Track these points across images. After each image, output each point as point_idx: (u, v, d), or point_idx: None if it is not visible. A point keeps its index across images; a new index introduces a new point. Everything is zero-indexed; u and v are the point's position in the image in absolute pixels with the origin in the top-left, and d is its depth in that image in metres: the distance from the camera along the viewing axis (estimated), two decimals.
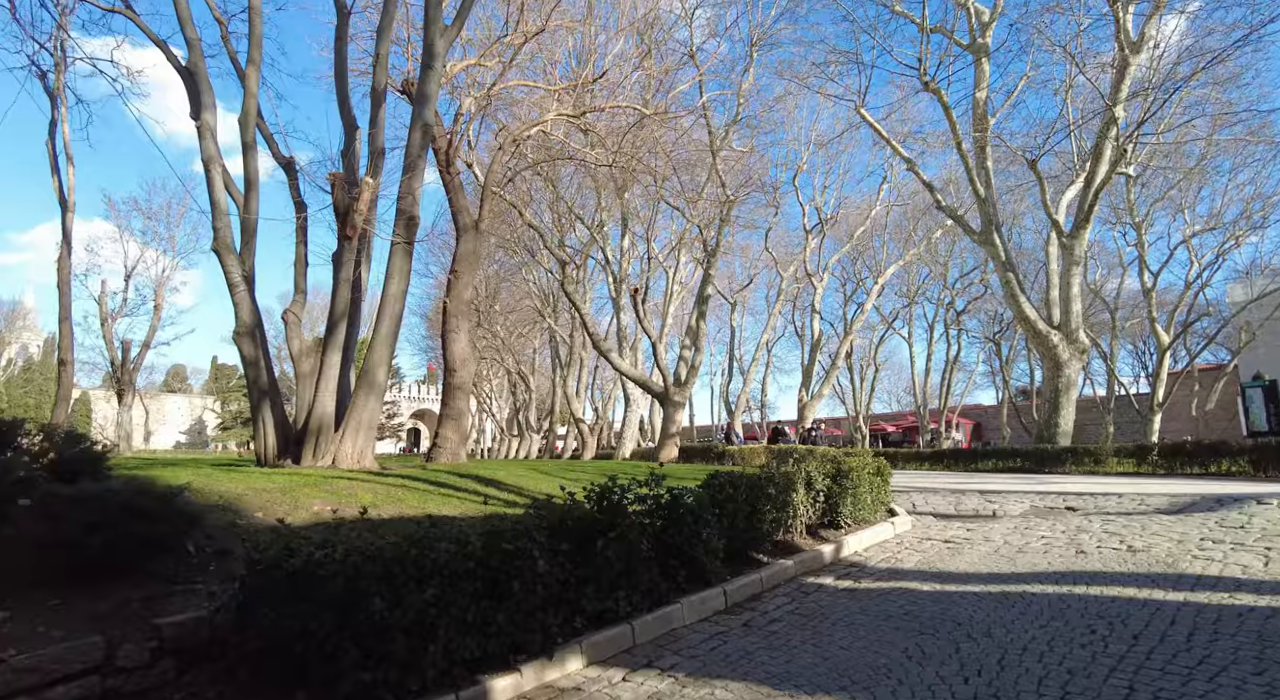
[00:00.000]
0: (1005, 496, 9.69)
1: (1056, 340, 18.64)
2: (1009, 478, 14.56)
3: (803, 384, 32.80)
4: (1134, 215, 33.80)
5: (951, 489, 11.13)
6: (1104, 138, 18.05)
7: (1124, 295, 42.65)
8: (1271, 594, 4.48)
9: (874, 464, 8.01)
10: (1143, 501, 8.63)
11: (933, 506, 9.30)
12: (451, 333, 12.19)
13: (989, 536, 7.09)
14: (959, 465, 20.76)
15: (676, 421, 23.08)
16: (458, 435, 11.85)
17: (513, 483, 8.70)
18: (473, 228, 13.15)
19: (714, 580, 5.31)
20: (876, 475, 7.98)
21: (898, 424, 62.75)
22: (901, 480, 13.94)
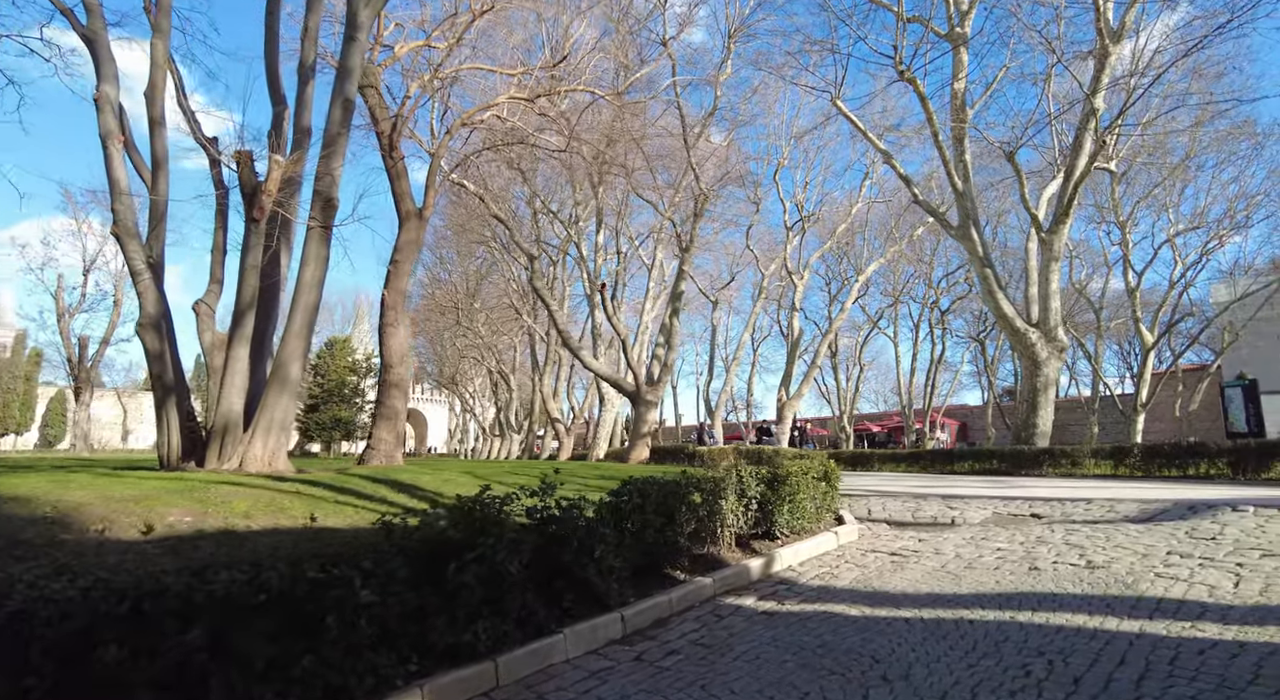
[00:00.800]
0: (968, 502, 9.08)
1: (1035, 338, 18.09)
2: (981, 481, 13.98)
3: (783, 383, 32.18)
4: (1118, 214, 33.44)
5: (915, 493, 10.52)
6: (1084, 130, 17.51)
7: (1109, 295, 42.35)
8: (1239, 624, 3.85)
9: (819, 468, 7.37)
10: (1112, 508, 8.03)
11: (890, 513, 8.67)
12: (389, 326, 11.48)
13: (940, 548, 6.46)
14: (936, 467, 20.22)
15: (649, 421, 22.43)
16: (393, 436, 11.14)
17: (432, 488, 8.01)
18: (415, 216, 12.44)
19: (613, 603, 4.64)
20: (822, 480, 7.34)
21: (883, 424, 62.36)
22: (869, 483, 13.33)
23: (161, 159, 8.93)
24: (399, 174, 12.54)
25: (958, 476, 16.94)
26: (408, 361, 11.48)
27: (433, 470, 10.00)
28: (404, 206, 12.41)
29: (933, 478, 16.09)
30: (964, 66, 18.90)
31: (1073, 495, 9.50)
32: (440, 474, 9.78)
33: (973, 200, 19.24)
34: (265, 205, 8.18)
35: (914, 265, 45.04)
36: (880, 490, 11.26)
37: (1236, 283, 34.54)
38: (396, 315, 11.57)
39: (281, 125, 10.63)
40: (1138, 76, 16.22)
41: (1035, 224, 18.82)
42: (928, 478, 16.08)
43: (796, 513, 6.53)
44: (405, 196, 12.47)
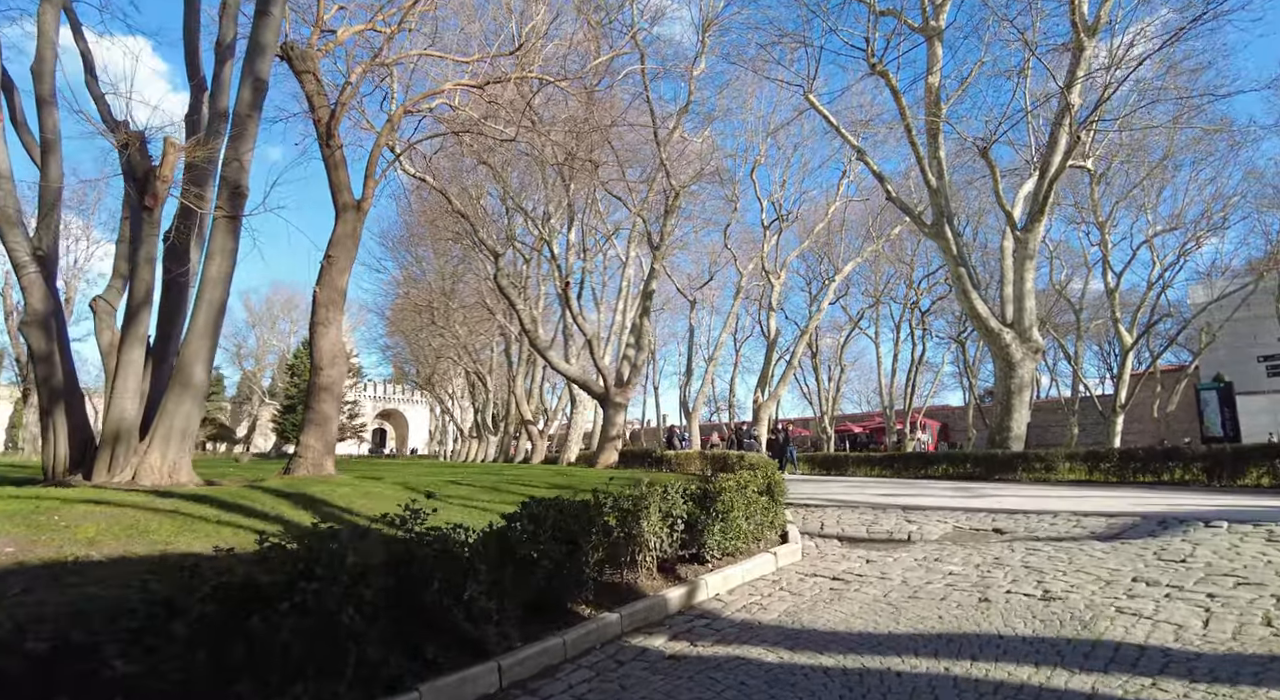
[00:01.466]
0: (929, 515, 8.49)
1: (1009, 339, 17.61)
2: (950, 488, 13.45)
3: (760, 384, 31.64)
4: (1097, 214, 33.23)
5: (877, 504, 9.94)
6: (1059, 125, 17.06)
7: (1088, 296, 42.25)
8: (1206, 682, 3.25)
9: (761, 481, 6.76)
10: (1079, 523, 7.48)
11: (844, 527, 8.07)
12: (320, 325, 10.74)
13: (887, 572, 5.85)
14: (910, 470, 19.74)
15: (617, 424, 21.79)
16: (322, 443, 10.39)
17: (343, 505, 7.31)
18: (353, 208, 11.70)
19: (493, 650, 3.98)
20: (764, 495, 6.72)
21: (865, 425, 62.10)
22: (834, 491, 12.75)
23: (53, 141, 8.17)
24: (336, 164, 11.79)
25: (929, 482, 16.43)
26: (341, 364, 10.75)
27: (345, 483, 9.28)
28: (341, 198, 11.67)
29: (902, 484, 15.55)
30: (938, 60, 18.39)
31: (1040, 506, 8.96)
32: (365, 486, 9.07)
33: (947, 197, 18.75)
34: (159, 192, 7.46)
35: (894, 266, 44.75)
36: (841, 500, 10.68)
37: (1214, 284, 34.45)
38: (329, 314, 10.83)
39: (200, 108, 9.88)
40: (1114, 71, 15.75)
41: (1010, 222, 18.35)
42: (897, 484, 15.54)
43: (731, 532, 5.90)
44: (343, 188, 11.73)
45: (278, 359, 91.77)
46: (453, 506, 7.85)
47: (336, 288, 11.11)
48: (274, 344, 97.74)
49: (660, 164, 22.36)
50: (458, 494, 9.52)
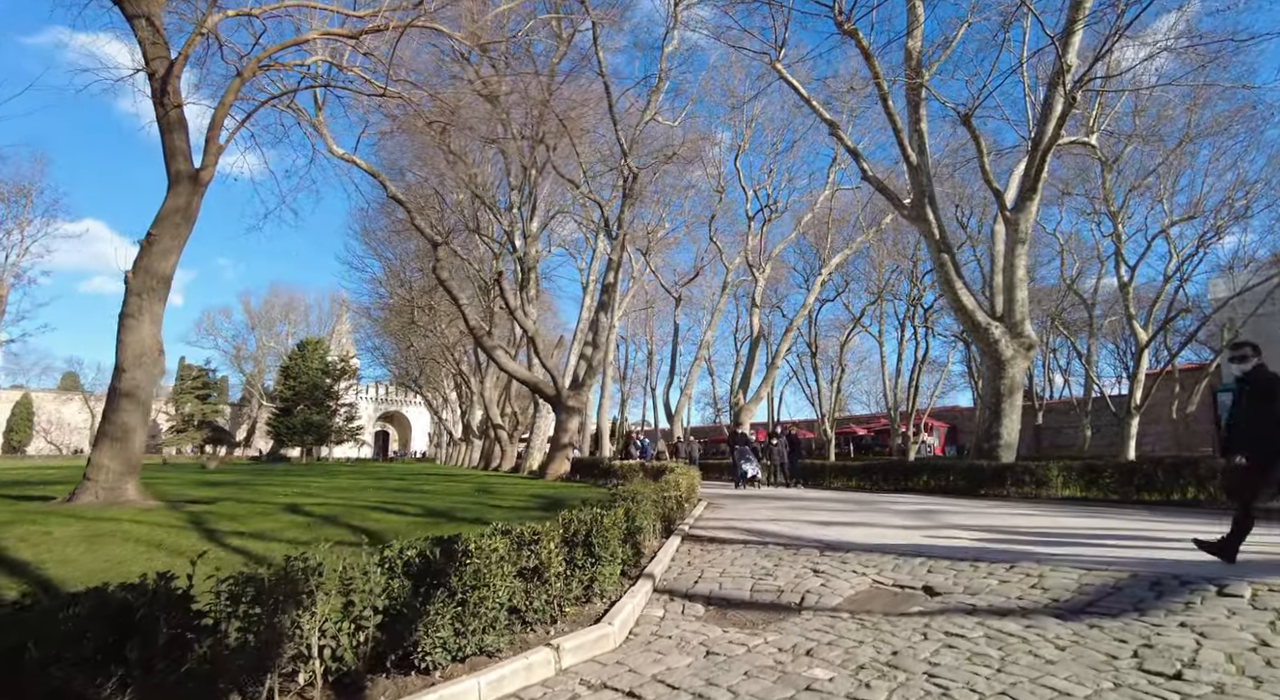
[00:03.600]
0: (849, 561, 6.41)
1: (998, 334, 15.42)
2: (915, 509, 11.30)
3: (741, 386, 29.54)
4: (1109, 204, 30.89)
5: (798, 536, 7.87)
6: (1054, 90, 14.88)
7: (1101, 291, 39.82)
8: None
9: (622, 516, 4.73)
10: (1041, 579, 5.37)
11: (724, 581, 5.99)
12: (128, 317, 8.84)
13: (716, 679, 3.78)
14: (888, 482, 17.64)
15: (570, 430, 19.79)
16: (120, 462, 8.48)
17: (36, 570, 5.34)
18: (189, 178, 9.80)
19: None
20: (579, 546, 4.67)
21: (869, 427, 59.83)
22: (763, 515, 10.65)
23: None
24: (171, 125, 9.90)
25: (902, 498, 14.28)
26: (150, 365, 8.84)
27: (166, 513, 7.32)
28: (174, 166, 9.78)
29: (864, 503, 13.40)
30: (919, 21, 16.26)
31: (1005, 544, 6.85)
32: (101, 545, 7.02)
33: (929, 175, 16.60)
34: None
35: (897, 260, 42.55)
36: (762, 530, 8.60)
37: (1236, 277, 31.98)
38: (142, 303, 8.93)
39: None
40: (1119, 18, 13.52)
41: (998, 200, 16.15)
42: (859, 503, 13.39)
43: (481, 618, 3.84)
44: (178, 154, 9.84)
45: (277, 361, 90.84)
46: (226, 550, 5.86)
47: (155, 273, 9.19)
48: (272, 346, 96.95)
49: (619, 142, 20.37)
50: (266, 529, 7.55)
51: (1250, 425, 5.62)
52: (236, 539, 6.69)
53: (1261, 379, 5.69)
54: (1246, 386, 5.78)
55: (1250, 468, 5.61)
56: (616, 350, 68.82)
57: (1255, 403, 5.64)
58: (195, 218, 9.78)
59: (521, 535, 4.30)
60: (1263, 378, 5.70)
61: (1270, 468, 5.52)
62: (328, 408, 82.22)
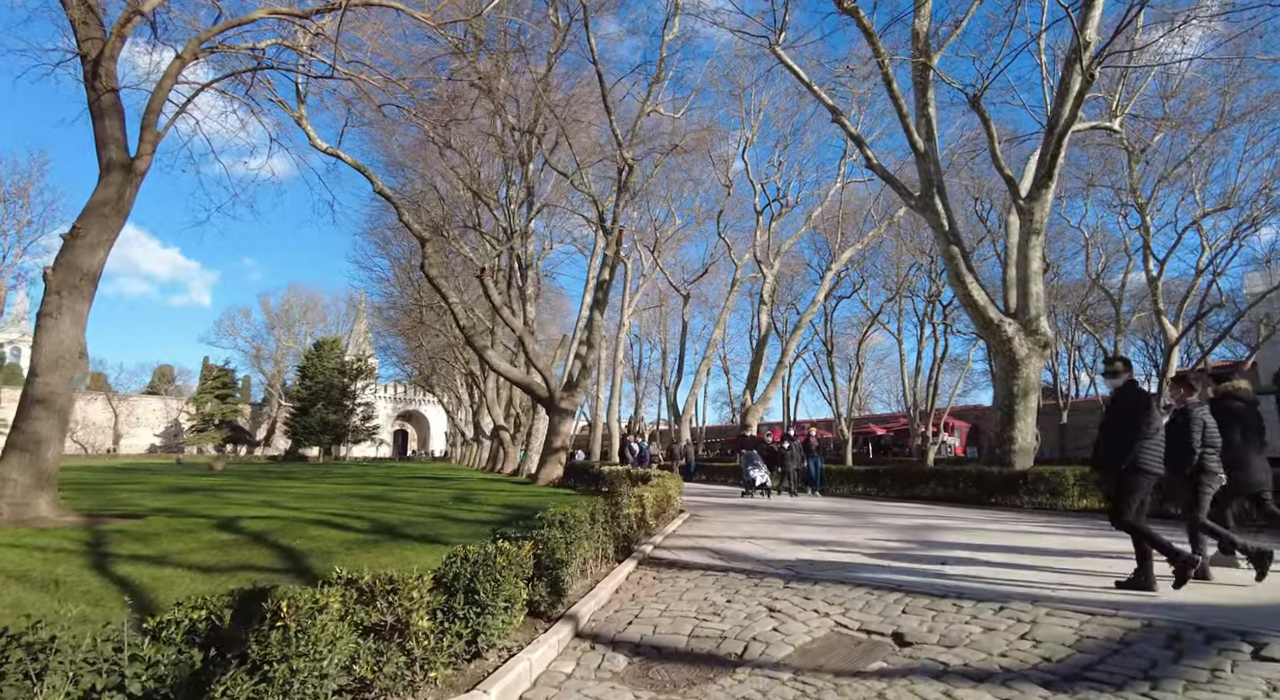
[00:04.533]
0: (815, 597, 5.52)
1: (1011, 331, 14.35)
2: (914, 524, 10.34)
3: (747, 386, 28.56)
4: (1137, 196, 29.47)
5: (768, 560, 6.98)
6: (1070, 67, 13.79)
7: (1129, 286, 38.25)
8: None
9: (526, 554, 3.89)
10: (1033, 627, 4.46)
11: (661, 623, 5.13)
12: (46, 316, 8.18)
13: None
14: (894, 489, 16.70)
15: (563, 433, 19.00)
16: (31, 475, 7.80)
17: None
18: (121, 167, 9.14)
19: None
20: (461, 592, 3.83)
21: (889, 427, 58.43)
22: (743, 529, 9.76)
23: None
24: (104, 111, 9.24)
25: (904, 507, 13.31)
26: (69, 369, 8.17)
27: (64, 536, 6.64)
28: (106, 154, 9.12)
29: (858, 516, 12.45)
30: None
31: (1000, 572, 5.93)
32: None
33: (936, 163, 15.55)
34: None
35: (915, 256, 41.29)
36: (731, 550, 7.72)
37: (1273, 271, 30.43)
38: (62, 302, 8.27)
39: None
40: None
41: (1010, 187, 15.05)
42: (853, 516, 12.44)
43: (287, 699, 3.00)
44: (110, 142, 9.17)
45: (296, 361, 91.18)
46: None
47: (78, 269, 8.52)
48: (291, 346, 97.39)
49: (613, 132, 19.55)
50: (173, 551, 6.83)
51: (1107, 442, 5.56)
52: (126, 566, 5.96)
53: (1124, 396, 5.62)
54: (1112, 403, 5.76)
55: (1115, 487, 5.54)
56: (630, 349, 68.21)
57: (1115, 419, 5.56)
58: (128, 210, 9.12)
59: (372, 586, 3.48)
60: (1125, 395, 5.62)
61: (1129, 486, 5.38)
62: (344, 407, 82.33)
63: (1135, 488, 5.38)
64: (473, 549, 4.25)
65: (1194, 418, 5.73)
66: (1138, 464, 5.31)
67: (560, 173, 21.40)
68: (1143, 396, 5.57)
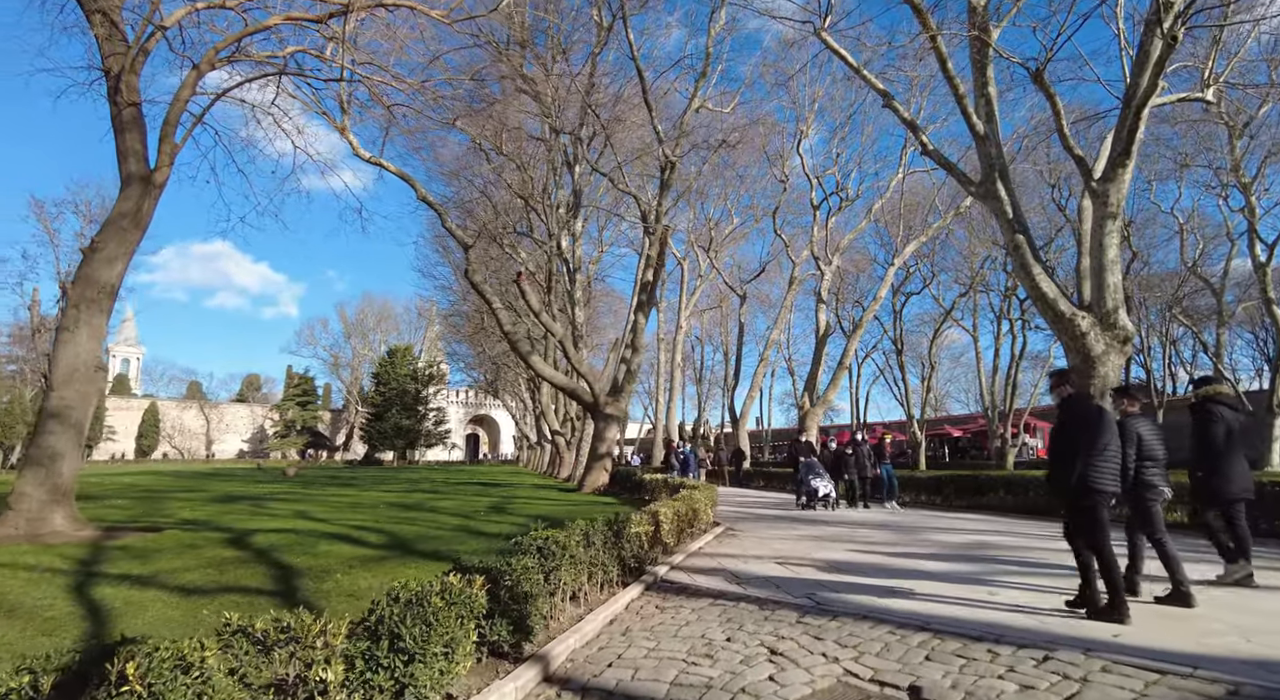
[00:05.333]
0: (825, 635, 4.81)
1: (1085, 325, 13.02)
2: (969, 540, 9.36)
3: (807, 387, 27.45)
4: (1240, 175, 26.99)
5: (780, 589, 6.26)
6: (1150, 30, 12.42)
7: (1233, 274, 35.17)
8: None
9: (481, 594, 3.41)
10: (1079, 695, 3.65)
11: (643, 667, 4.50)
12: (64, 330, 8.24)
13: None
14: (960, 498, 15.54)
15: (608, 439, 18.57)
16: (46, 490, 7.82)
17: None
18: (140, 180, 9.18)
19: None
20: (385, 638, 3.36)
21: (966, 428, 55.78)
22: (777, 548, 9.01)
23: None
24: (126, 125, 9.32)
25: (967, 519, 12.23)
26: (85, 383, 8.17)
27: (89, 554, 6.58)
28: (127, 168, 9.19)
29: (910, 531, 11.48)
30: None
31: (1046, 617, 5.07)
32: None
33: (998, 145, 14.32)
34: None
35: (988, 248, 39.20)
36: (747, 575, 7.02)
37: None
38: (80, 316, 8.31)
39: None
40: None
41: (1081, 168, 13.71)
42: (905, 531, 11.48)
43: None
44: (130, 155, 9.24)
45: (371, 368, 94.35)
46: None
47: (96, 283, 8.55)
48: (366, 354, 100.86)
49: (654, 130, 19.03)
50: (167, 569, 6.67)
51: (1052, 461, 5.42)
52: (107, 588, 5.78)
53: (1071, 411, 5.46)
54: (1058, 419, 5.60)
55: (1067, 508, 5.34)
56: (691, 351, 67.44)
57: (1060, 436, 5.39)
58: (147, 223, 9.17)
59: (266, 634, 3.03)
60: (1073, 409, 5.45)
61: (1080, 506, 5.16)
62: (417, 412, 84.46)
63: (1090, 507, 5.12)
64: (412, 585, 3.77)
65: (1128, 431, 5.68)
66: (1088, 482, 5.06)
67: (601, 173, 21.02)
68: (1089, 411, 5.37)
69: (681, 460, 19.55)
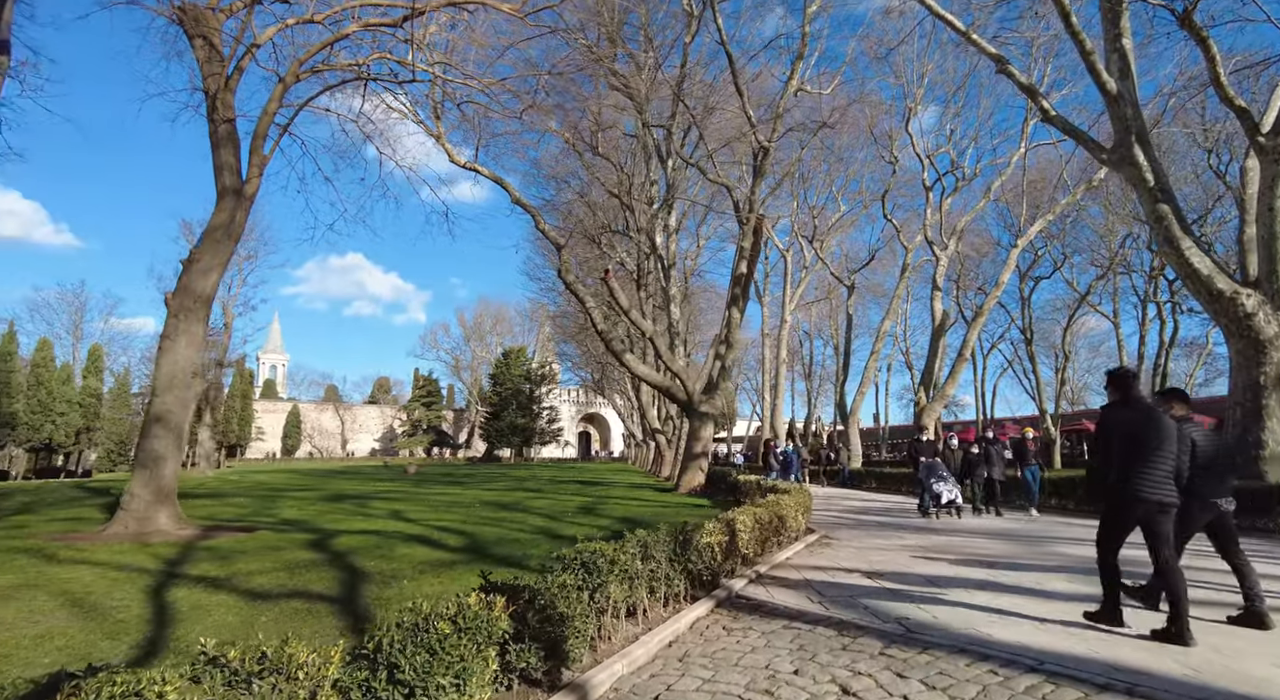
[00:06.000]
0: (910, 671, 4.10)
1: (1251, 305, 11.22)
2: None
3: (923, 382, 25.70)
4: None
5: (868, 611, 5.52)
6: None
7: None
8: None
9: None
10: None
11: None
12: (165, 339, 8.66)
13: None
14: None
15: (703, 438, 18.03)
16: (152, 491, 8.22)
17: None
18: (233, 193, 9.56)
19: None
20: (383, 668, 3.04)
21: None
22: (885, 558, 8.16)
23: None
24: (221, 141, 9.76)
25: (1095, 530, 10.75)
26: (183, 390, 8.55)
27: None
28: (222, 181, 9.62)
29: (1032, 543, 10.21)
30: None
31: (1195, 670, 4.11)
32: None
33: (1134, 105, 12.63)
34: None
35: (1129, 225, 35.47)
36: (834, 592, 6.30)
37: None
38: (179, 325, 8.72)
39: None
40: None
41: (1243, 121, 11.80)
42: (1022, 544, 10.22)
43: None
44: (225, 169, 9.66)
45: (488, 370, 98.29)
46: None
47: (193, 293, 8.96)
48: (484, 356, 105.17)
49: (745, 115, 18.29)
50: (241, 572, 6.79)
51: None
52: (182, 590, 5.91)
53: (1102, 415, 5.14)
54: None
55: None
56: (799, 346, 65.42)
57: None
58: (239, 234, 9.55)
59: (243, 664, 2.76)
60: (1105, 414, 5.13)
61: (1106, 514, 5.12)
62: (531, 411, 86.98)
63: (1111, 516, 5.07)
64: (424, 606, 3.44)
65: (1182, 437, 5.16)
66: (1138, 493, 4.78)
67: (691, 164, 20.44)
68: (1152, 415, 4.91)
69: (783, 460, 18.60)
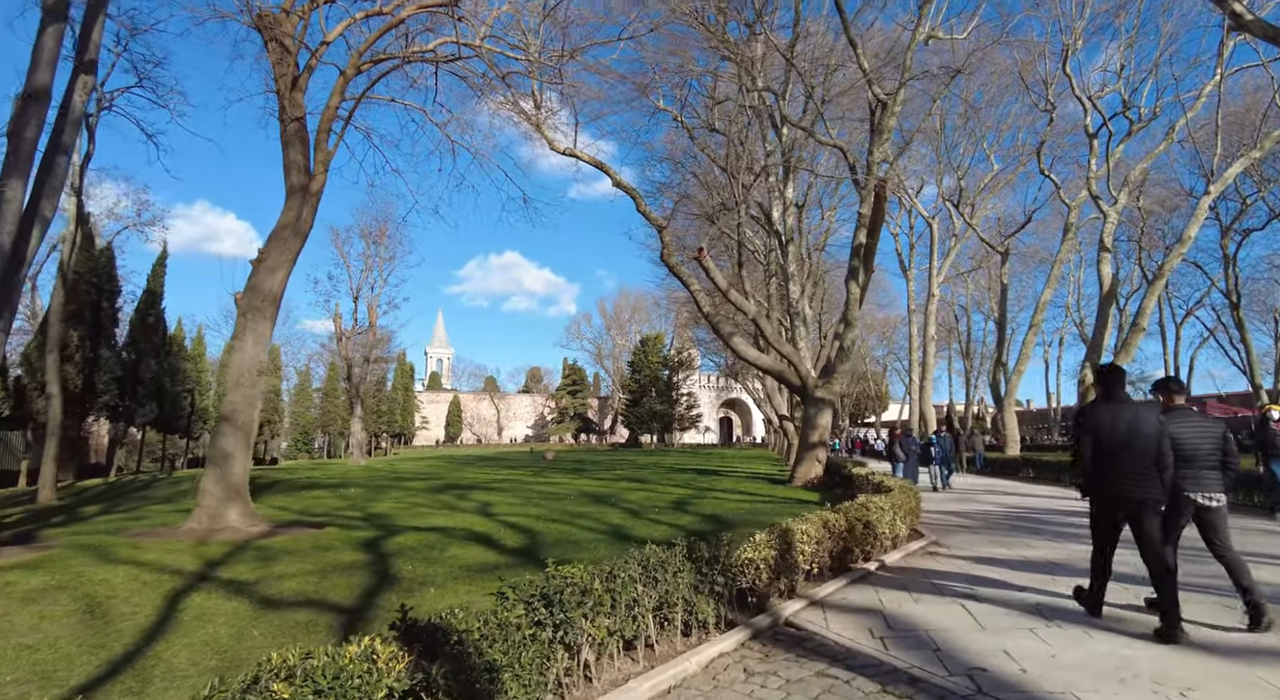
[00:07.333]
0: None
1: None
2: None
3: (1088, 355, 22.36)
4: None
5: (949, 656, 4.27)
6: None
7: None
8: None
9: None
10: None
11: None
12: (235, 338, 8.80)
13: None
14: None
15: (820, 427, 16.60)
16: (223, 488, 8.35)
17: None
18: (300, 190, 9.61)
19: None
20: None
21: None
22: (1001, 574, 6.66)
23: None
24: (290, 139, 9.85)
25: None
26: (250, 388, 8.60)
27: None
28: (290, 179, 9.69)
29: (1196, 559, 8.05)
30: None
31: None
32: (13, 610, 6.45)
33: None
34: None
35: None
36: (900, 629, 5.04)
37: None
38: (247, 324, 8.83)
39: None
40: None
41: None
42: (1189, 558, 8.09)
43: None
44: (293, 168, 9.73)
45: (628, 357, 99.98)
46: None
47: (261, 291, 9.06)
48: (624, 344, 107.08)
49: (860, 66, 16.51)
50: (292, 572, 6.63)
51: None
52: (205, 595, 5.78)
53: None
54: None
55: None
56: (955, 321, 60.28)
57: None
58: (307, 232, 9.58)
59: None
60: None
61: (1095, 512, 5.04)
62: (669, 397, 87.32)
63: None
64: (281, 658, 2.80)
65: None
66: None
67: (800, 127, 18.76)
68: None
69: (921, 449, 16.45)
